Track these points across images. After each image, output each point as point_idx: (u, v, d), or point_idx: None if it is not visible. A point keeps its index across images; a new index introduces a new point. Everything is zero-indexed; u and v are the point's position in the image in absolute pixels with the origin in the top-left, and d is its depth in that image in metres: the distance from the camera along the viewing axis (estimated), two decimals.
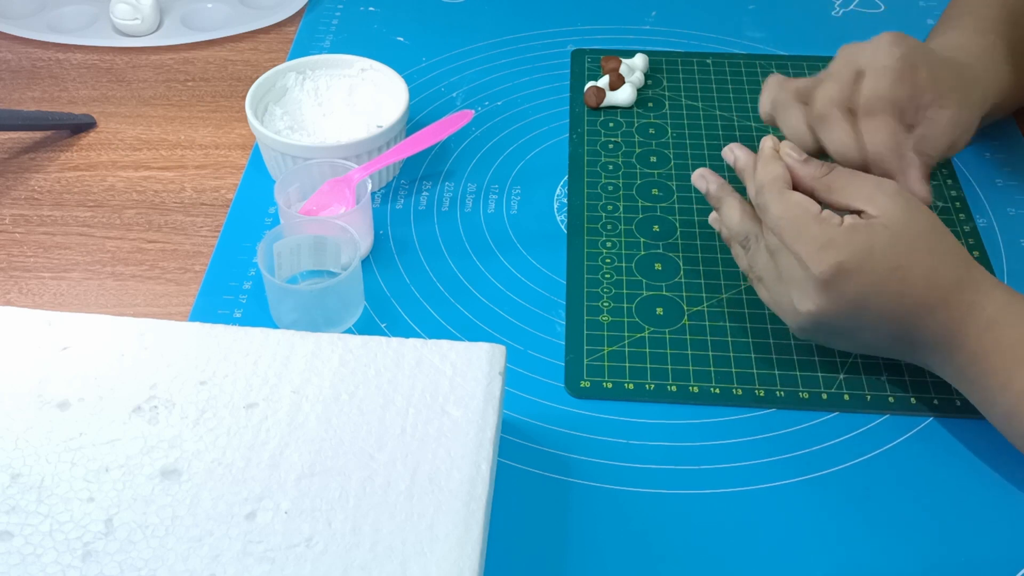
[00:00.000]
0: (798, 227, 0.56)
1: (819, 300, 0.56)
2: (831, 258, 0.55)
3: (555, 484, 0.58)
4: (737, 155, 0.63)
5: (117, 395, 0.53)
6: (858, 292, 0.55)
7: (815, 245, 0.55)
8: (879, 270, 0.55)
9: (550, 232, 0.74)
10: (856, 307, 0.56)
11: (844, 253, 0.55)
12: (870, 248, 0.55)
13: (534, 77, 0.88)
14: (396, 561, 0.46)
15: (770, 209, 0.58)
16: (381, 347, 0.55)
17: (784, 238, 0.57)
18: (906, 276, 0.55)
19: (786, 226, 0.57)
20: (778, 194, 0.58)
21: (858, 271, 0.55)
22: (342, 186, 0.70)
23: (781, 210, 0.57)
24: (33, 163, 0.80)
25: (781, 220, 0.57)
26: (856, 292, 0.55)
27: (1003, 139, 0.81)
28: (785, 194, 0.58)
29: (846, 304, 0.56)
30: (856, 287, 0.55)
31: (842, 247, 0.55)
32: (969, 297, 0.55)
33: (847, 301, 0.56)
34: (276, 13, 0.95)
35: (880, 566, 0.54)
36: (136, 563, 0.46)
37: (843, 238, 0.55)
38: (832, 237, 0.55)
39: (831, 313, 0.57)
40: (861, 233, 0.55)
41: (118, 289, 0.70)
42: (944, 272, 0.55)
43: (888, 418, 0.62)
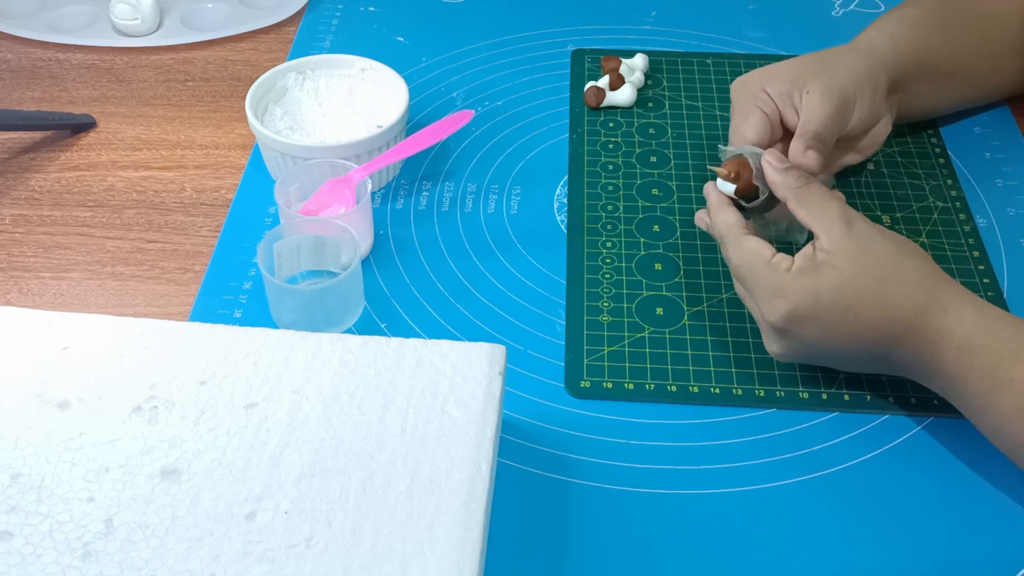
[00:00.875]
0: (752, 275, 0.58)
1: (780, 343, 0.59)
2: (781, 307, 0.56)
3: (555, 484, 0.58)
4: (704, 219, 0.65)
5: (117, 395, 0.53)
6: (814, 335, 0.57)
7: (767, 293, 0.57)
8: (829, 313, 0.56)
9: (550, 232, 0.74)
10: (817, 347, 0.58)
11: (792, 301, 0.56)
12: (816, 293, 0.55)
13: (534, 77, 0.88)
14: (396, 561, 0.46)
15: (729, 257, 0.60)
16: (381, 347, 0.55)
17: (745, 285, 0.59)
18: (860, 314, 0.55)
19: (742, 273, 0.59)
20: (734, 241, 0.60)
21: (809, 317, 0.56)
22: (342, 186, 0.70)
23: (737, 258, 0.59)
24: (33, 163, 0.80)
25: (739, 268, 0.59)
26: (812, 335, 0.57)
27: (1003, 139, 0.81)
28: (740, 240, 0.59)
29: (807, 346, 0.58)
30: (810, 331, 0.56)
31: (790, 295, 0.56)
32: (936, 323, 0.55)
33: (807, 343, 0.57)
34: (276, 13, 0.95)
35: (880, 566, 0.54)
36: (136, 563, 0.46)
37: (791, 286, 0.56)
38: (781, 285, 0.56)
39: (796, 354, 0.59)
40: (808, 278, 0.56)
41: (118, 289, 0.70)
42: (902, 303, 0.55)
43: (888, 418, 0.62)
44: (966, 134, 0.81)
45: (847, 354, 0.58)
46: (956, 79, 0.78)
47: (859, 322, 0.55)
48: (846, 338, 0.56)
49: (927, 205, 0.75)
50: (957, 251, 0.71)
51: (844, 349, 0.57)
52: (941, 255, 0.71)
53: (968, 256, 0.71)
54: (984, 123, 0.83)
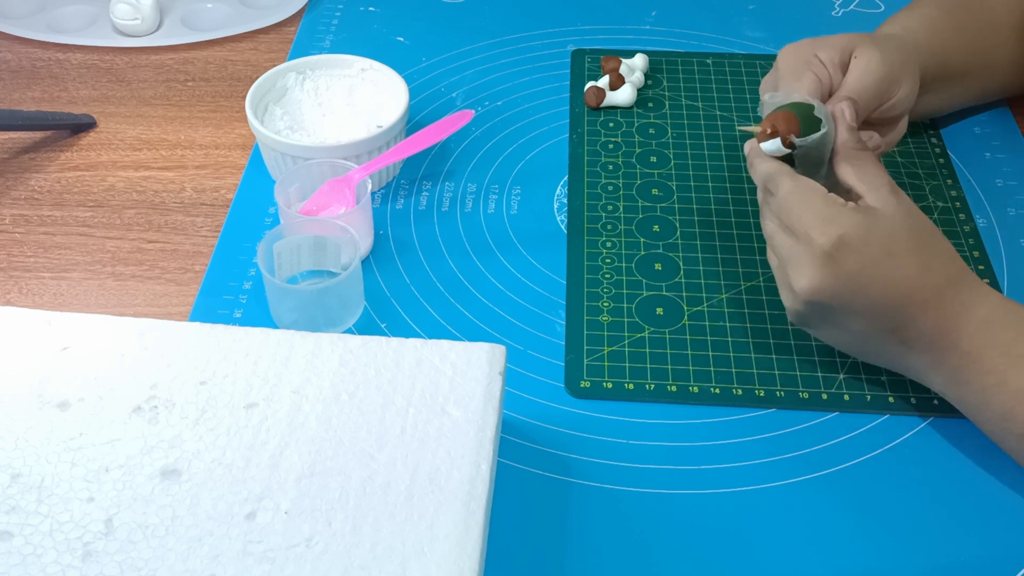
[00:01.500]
0: (805, 201, 0.58)
1: (816, 274, 0.56)
2: (834, 230, 0.56)
3: (555, 484, 0.58)
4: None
5: (117, 395, 0.53)
6: (854, 269, 0.56)
7: (820, 218, 0.57)
8: (876, 251, 0.56)
9: (550, 232, 0.74)
10: (851, 285, 0.56)
11: (846, 227, 0.56)
12: (869, 229, 0.56)
13: (534, 77, 0.88)
14: (396, 561, 0.46)
15: (780, 189, 0.59)
16: (381, 347, 0.55)
17: (790, 213, 0.58)
18: (900, 263, 0.56)
19: (795, 200, 0.58)
20: (789, 177, 0.60)
21: (857, 247, 0.56)
22: (342, 186, 0.70)
23: (791, 187, 0.59)
24: (33, 163, 0.80)
25: (790, 195, 0.58)
26: (853, 268, 0.56)
27: (1003, 139, 0.81)
28: (795, 177, 0.60)
29: (842, 280, 0.56)
30: (853, 263, 0.56)
31: (844, 222, 0.56)
32: (963, 295, 0.56)
33: (843, 277, 0.56)
34: (276, 13, 0.95)
35: (880, 566, 0.54)
36: (136, 563, 0.46)
37: (846, 215, 0.56)
38: (837, 212, 0.57)
39: (827, 289, 0.57)
40: (862, 215, 0.57)
41: (118, 289, 0.70)
42: (937, 269, 0.57)
43: (888, 418, 0.62)
44: (966, 134, 0.81)
45: (871, 309, 0.57)
46: (966, 79, 0.78)
47: (898, 272, 0.56)
48: (879, 282, 0.56)
49: (927, 205, 0.75)
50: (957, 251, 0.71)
51: (873, 300, 0.56)
52: None
53: (968, 256, 0.71)
54: (984, 123, 0.83)
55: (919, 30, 0.73)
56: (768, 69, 0.87)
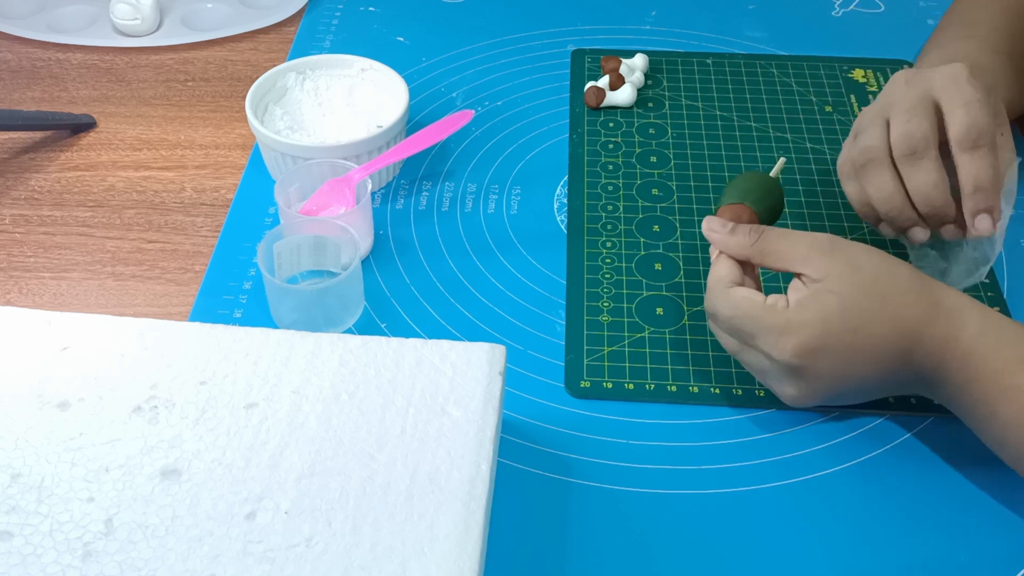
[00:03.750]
0: (751, 321, 0.56)
1: (797, 384, 0.57)
2: (790, 343, 0.54)
3: (555, 484, 0.58)
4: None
5: (117, 395, 0.53)
6: (828, 366, 0.55)
7: (772, 334, 0.55)
8: (840, 339, 0.54)
9: (550, 232, 0.74)
10: (833, 378, 0.56)
11: (801, 334, 0.54)
12: (824, 321, 0.54)
13: (534, 77, 0.88)
14: (396, 561, 0.46)
15: (719, 311, 0.58)
16: (381, 347, 0.55)
17: (744, 336, 0.57)
18: (870, 332, 0.54)
19: (738, 324, 0.57)
20: (722, 294, 0.58)
21: (821, 347, 0.54)
22: (342, 186, 0.70)
23: (729, 309, 0.57)
24: (33, 163, 0.80)
25: (732, 319, 0.57)
26: (826, 367, 0.55)
27: None
28: (728, 292, 0.57)
29: (822, 380, 0.56)
30: (824, 362, 0.55)
31: (797, 329, 0.54)
32: (941, 330, 0.54)
33: (822, 377, 0.56)
34: (276, 13, 0.96)
35: (880, 566, 0.54)
36: (136, 563, 0.46)
37: (796, 320, 0.55)
38: (786, 322, 0.55)
39: (812, 393, 0.57)
40: (810, 310, 0.55)
41: (118, 289, 0.70)
42: (905, 313, 0.55)
43: (888, 419, 0.62)
44: None
45: (862, 379, 0.56)
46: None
47: (871, 341, 0.54)
48: (861, 360, 0.55)
49: None
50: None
51: (859, 373, 0.56)
52: None
53: None
54: None
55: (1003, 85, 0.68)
56: (768, 69, 0.88)
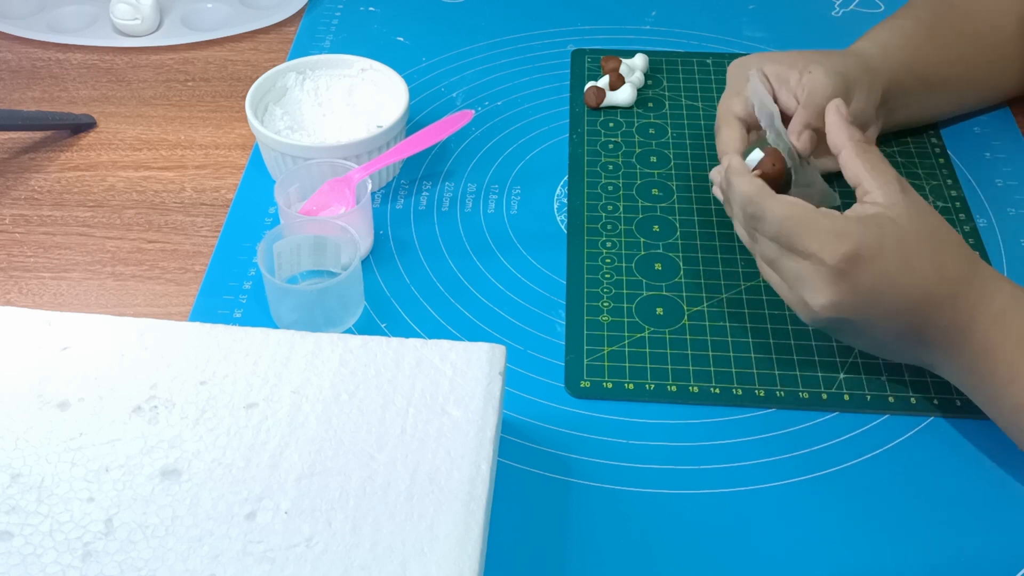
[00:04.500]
0: (805, 223, 0.56)
1: (833, 292, 0.55)
2: (845, 246, 0.54)
3: (555, 484, 0.58)
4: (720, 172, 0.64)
5: (117, 395, 0.53)
6: (872, 282, 0.55)
7: (828, 236, 0.55)
8: (890, 261, 0.55)
9: (550, 232, 0.74)
10: (869, 298, 0.55)
11: (858, 241, 0.55)
12: (881, 238, 0.55)
13: (534, 77, 0.88)
14: (396, 561, 0.46)
15: (767, 214, 0.57)
16: (381, 347, 0.55)
17: (791, 237, 0.56)
18: (916, 269, 0.55)
19: (792, 225, 0.56)
20: (772, 198, 0.58)
21: (871, 259, 0.55)
22: (342, 186, 0.70)
23: (782, 211, 0.57)
24: (33, 163, 0.80)
25: (787, 220, 0.56)
26: (870, 282, 0.55)
27: (1003, 139, 0.81)
28: (778, 197, 0.58)
29: (860, 295, 0.55)
30: (870, 277, 0.55)
31: (855, 236, 0.55)
32: (977, 290, 0.56)
33: (861, 291, 0.55)
34: (276, 13, 0.95)
35: (880, 566, 0.54)
36: (136, 563, 0.46)
37: (854, 228, 0.55)
38: (843, 227, 0.55)
39: (846, 305, 0.56)
40: (871, 224, 0.55)
41: (118, 289, 0.70)
42: (952, 266, 0.56)
43: (888, 418, 0.62)
44: (966, 134, 0.81)
45: (887, 317, 0.56)
46: (948, 88, 0.78)
47: (913, 277, 0.55)
48: (896, 291, 0.55)
49: None
50: None
51: (892, 307, 0.56)
52: None
53: None
54: (984, 123, 0.83)
55: (892, 43, 0.73)
56: None
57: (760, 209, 0.58)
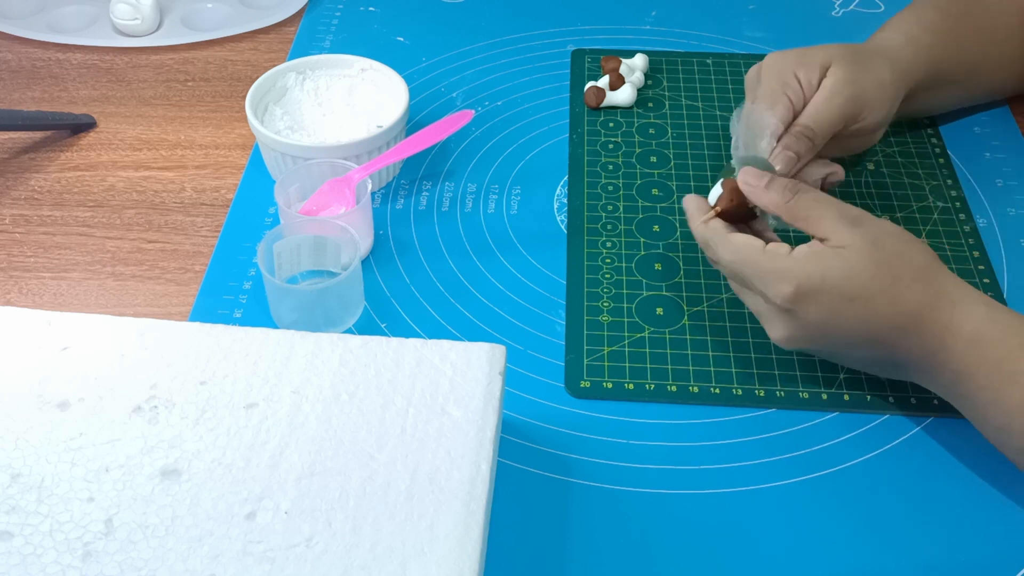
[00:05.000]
0: (751, 264, 0.58)
1: (785, 328, 0.58)
2: (786, 286, 0.56)
3: (555, 484, 0.58)
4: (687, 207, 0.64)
5: (117, 395, 0.53)
6: (819, 316, 0.56)
7: (771, 277, 0.57)
8: (835, 298, 0.55)
9: (550, 232, 0.74)
10: (822, 330, 0.57)
11: (799, 278, 0.56)
12: (823, 275, 0.55)
13: (534, 77, 0.88)
14: (396, 561, 0.46)
15: (720, 257, 0.60)
16: (381, 347, 0.55)
17: (743, 278, 0.59)
18: (867, 305, 0.55)
19: (738, 268, 0.59)
20: (723, 240, 0.60)
21: (814, 296, 0.55)
22: (342, 186, 0.70)
23: (730, 254, 0.59)
24: (33, 163, 0.80)
25: (733, 263, 0.59)
26: (817, 315, 0.56)
27: (1003, 139, 0.81)
28: (729, 239, 0.59)
29: (812, 328, 0.57)
30: (816, 313, 0.56)
31: (796, 273, 0.56)
32: (944, 317, 0.55)
33: (812, 325, 0.57)
34: (276, 13, 0.95)
35: (880, 566, 0.54)
36: (136, 563, 0.46)
37: (796, 266, 0.56)
38: (785, 267, 0.56)
39: (800, 339, 0.58)
40: (812, 261, 0.56)
41: (118, 289, 0.70)
42: (909, 298, 0.55)
43: (888, 418, 0.62)
44: (966, 134, 0.81)
45: (851, 344, 0.57)
46: (960, 84, 0.78)
47: (866, 312, 0.55)
48: (852, 326, 0.56)
49: (927, 205, 0.75)
50: (957, 251, 0.71)
51: (849, 338, 0.57)
52: (941, 255, 0.70)
53: (968, 256, 0.71)
54: (984, 123, 0.83)
55: (921, 40, 0.73)
56: None
57: (714, 252, 0.61)
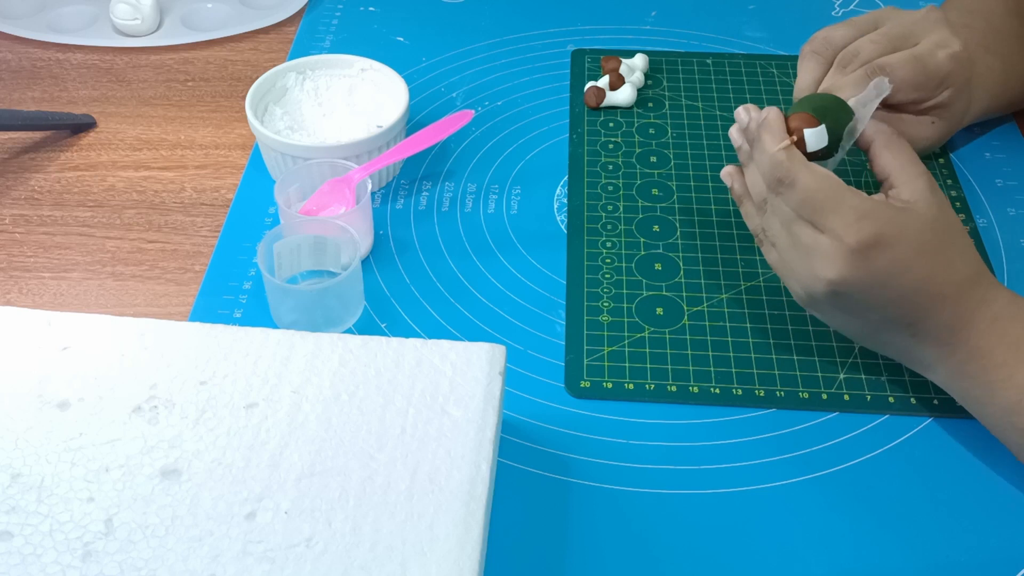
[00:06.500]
0: (834, 198, 0.56)
1: (846, 269, 0.55)
2: (870, 228, 0.55)
3: (555, 484, 0.58)
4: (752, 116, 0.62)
5: (117, 395, 0.53)
6: (887, 267, 0.55)
7: (853, 215, 0.55)
8: (910, 250, 0.55)
9: (550, 232, 0.74)
10: (880, 281, 0.56)
11: (882, 225, 0.55)
12: (905, 226, 0.55)
13: (534, 77, 0.88)
14: (396, 561, 0.46)
15: (798, 182, 0.57)
16: (381, 347, 0.55)
17: (816, 210, 0.56)
18: (928, 261, 0.56)
19: (821, 198, 0.56)
20: (805, 167, 0.57)
21: (892, 246, 0.55)
22: (342, 186, 0.70)
23: (813, 182, 0.57)
24: (33, 163, 0.80)
25: (817, 192, 0.56)
26: (885, 266, 0.55)
27: (1003, 139, 0.81)
28: (812, 166, 0.58)
29: (872, 277, 0.56)
30: (886, 261, 0.55)
31: (880, 220, 0.55)
32: (979, 292, 0.56)
33: (874, 274, 0.55)
34: (276, 13, 0.95)
35: (880, 566, 0.54)
36: (136, 563, 0.46)
37: (881, 212, 0.55)
38: (871, 209, 0.55)
39: (854, 284, 0.56)
40: (897, 211, 0.56)
41: (118, 289, 0.70)
42: (959, 265, 0.57)
43: (888, 418, 0.62)
44: (966, 134, 0.81)
45: (890, 304, 0.56)
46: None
47: (925, 269, 0.55)
48: (907, 279, 0.55)
49: None
50: None
51: (893, 296, 0.56)
52: None
53: None
54: (984, 123, 0.83)
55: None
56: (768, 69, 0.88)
57: (791, 176, 0.58)
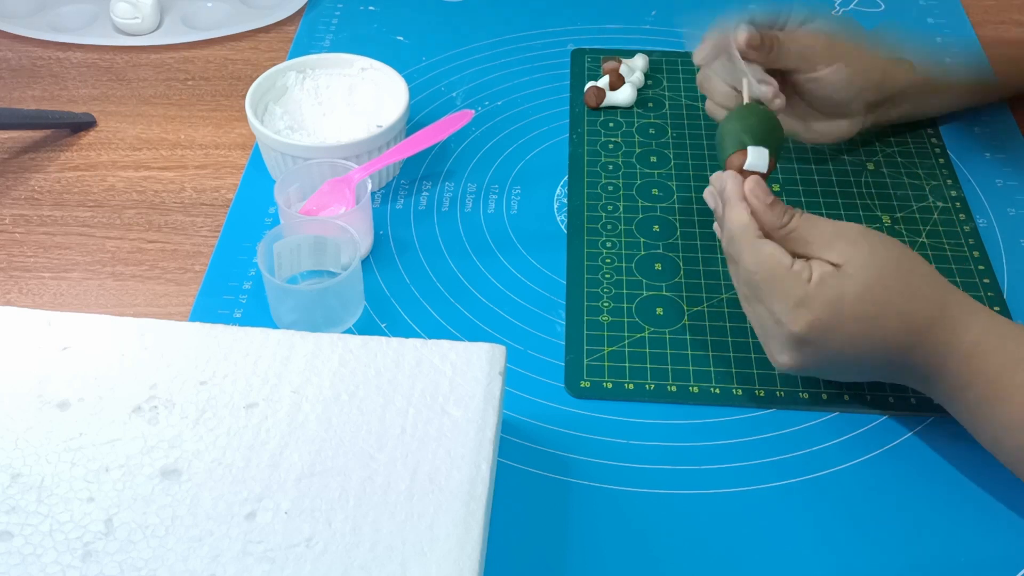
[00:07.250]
0: (772, 283, 0.56)
1: (795, 355, 0.57)
2: (806, 316, 0.55)
3: (555, 484, 0.58)
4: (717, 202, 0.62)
5: (117, 395, 0.53)
6: (835, 345, 0.55)
7: (789, 302, 0.55)
8: (852, 322, 0.54)
9: (550, 232, 0.74)
10: (833, 358, 0.56)
11: (816, 311, 0.54)
12: (840, 303, 0.54)
13: (534, 77, 0.88)
14: (396, 561, 0.46)
15: (743, 260, 0.58)
16: (381, 347, 0.55)
17: (759, 292, 0.57)
18: (880, 324, 0.55)
19: (759, 281, 0.57)
20: (749, 245, 0.57)
21: (832, 326, 0.55)
22: (342, 186, 0.70)
23: (754, 264, 0.57)
24: (33, 163, 0.80)
25: (755, 274, 0.57)
26: (833, 346, 0.55)
27: (1003, 139, 0.81)
28: (756, 244, 0.57)
29: (823, 357, 0.56)
30: (832, 342, 0.55)
31: (815, 305, 0.54)
32: (948, 328, 0.55)
33: (824, 354, 0.56)
34: (276, 13, 0.95)
35: (879, 566, 0.54)
36: (136, 563, 0.46)
37: (814, 296, 0.55)
38: (805, 295, 0.55)
39: (809, 365, 0.57)
40: (830, 287, 0.55)
41: (118, 289, 0.70)
42: (916, 311, 0.55)
43: (888, 418, 0.62)
44: (966, 134, 0.81)
45: (860, 364, 0.57)
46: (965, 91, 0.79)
47: (880, 332, 0.55)
48: (866, 347, 0.55)
49: (927, 205, 0.75)
50: (957, 251, 0.71)
51: (860, 359, 0.56)
52: (941, 255, 0.71)
53: (968, 256, 0.71)
54: (984, 123, 0.83)
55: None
56: None
57: (738, 252, 0.58)
